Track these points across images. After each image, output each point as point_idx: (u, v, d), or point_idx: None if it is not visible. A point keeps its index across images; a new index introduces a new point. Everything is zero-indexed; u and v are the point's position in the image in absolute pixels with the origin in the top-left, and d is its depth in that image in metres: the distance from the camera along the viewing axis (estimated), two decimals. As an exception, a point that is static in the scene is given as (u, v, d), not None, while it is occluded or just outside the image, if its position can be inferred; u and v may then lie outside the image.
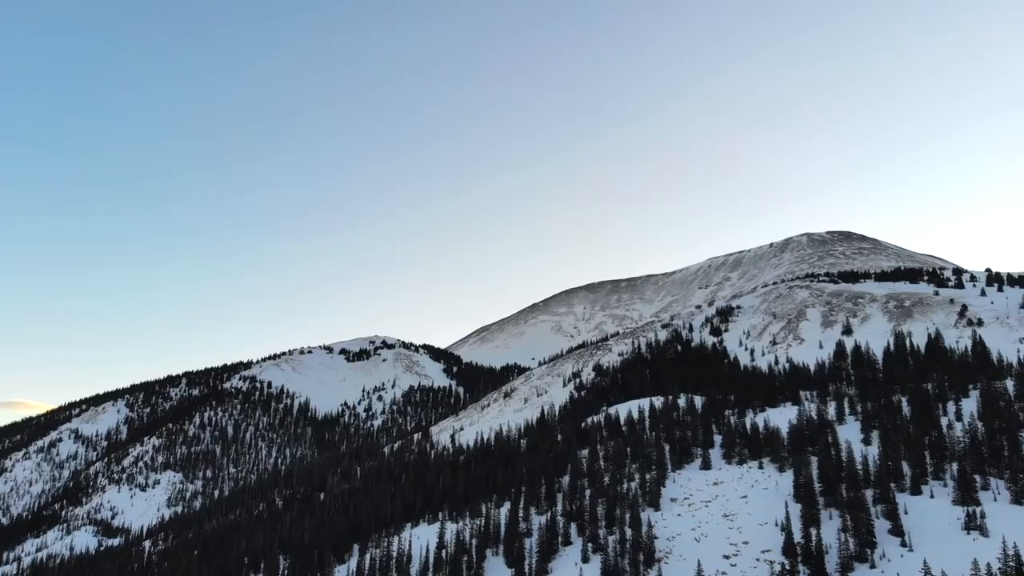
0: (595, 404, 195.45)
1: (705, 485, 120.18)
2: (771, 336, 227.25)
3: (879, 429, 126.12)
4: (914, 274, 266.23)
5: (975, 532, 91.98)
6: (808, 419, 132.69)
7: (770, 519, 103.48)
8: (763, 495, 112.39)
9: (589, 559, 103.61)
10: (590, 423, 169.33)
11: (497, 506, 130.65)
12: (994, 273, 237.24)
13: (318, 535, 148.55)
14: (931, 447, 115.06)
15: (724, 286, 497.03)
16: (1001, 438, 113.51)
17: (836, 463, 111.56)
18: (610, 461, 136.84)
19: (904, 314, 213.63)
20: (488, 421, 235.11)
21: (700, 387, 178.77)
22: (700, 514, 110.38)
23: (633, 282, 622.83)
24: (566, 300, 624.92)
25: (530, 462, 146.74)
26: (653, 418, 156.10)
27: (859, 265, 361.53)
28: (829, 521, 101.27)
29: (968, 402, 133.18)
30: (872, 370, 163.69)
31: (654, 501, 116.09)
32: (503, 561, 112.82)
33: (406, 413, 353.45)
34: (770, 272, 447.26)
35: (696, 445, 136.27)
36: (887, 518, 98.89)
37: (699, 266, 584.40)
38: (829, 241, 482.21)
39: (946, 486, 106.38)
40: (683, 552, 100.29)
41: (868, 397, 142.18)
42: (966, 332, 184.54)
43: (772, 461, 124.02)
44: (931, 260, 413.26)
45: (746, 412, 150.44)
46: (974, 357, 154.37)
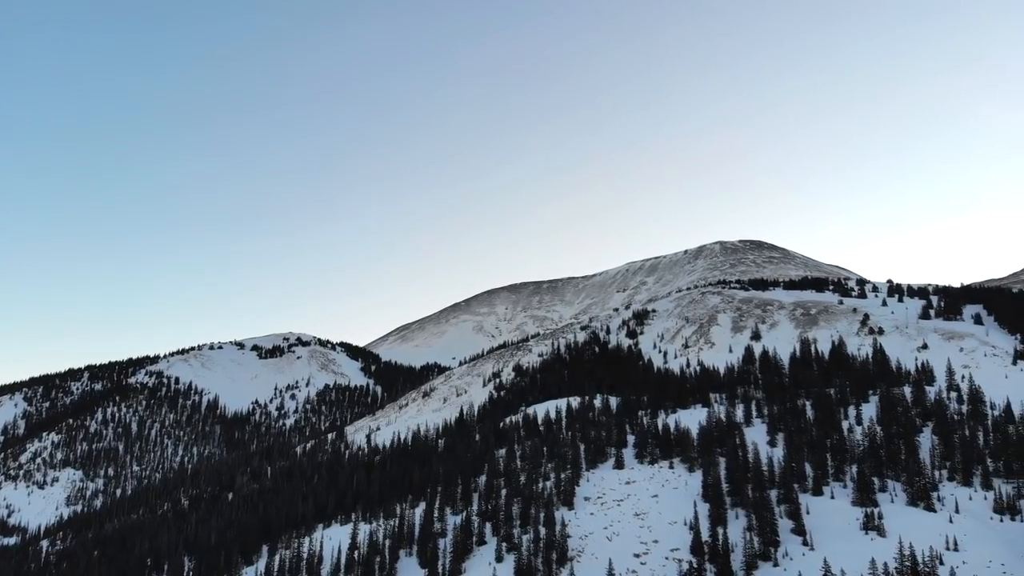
0: (514, 404, 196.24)
1: (618, 484, 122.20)
2: (684, 339, 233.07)
3: (784, 431, 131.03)
4: (820, 283, 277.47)
5: (873, 532, 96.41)
6: (717, 421, 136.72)
7: (679, 518, 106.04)
8: (673, 494, 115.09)
9: (503, 558, 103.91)
10: (509, 423, 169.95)
11: (412, 506, 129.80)
12: (895, 284, 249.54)
13: (225, 536, 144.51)
14: (833, 450, 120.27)
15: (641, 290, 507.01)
16: (898, 442, 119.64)
17: (743, 464, 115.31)
18: (527, 461, 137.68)
19: (810, 321, 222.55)
20: (406, 421, 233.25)
21: (616, 388, 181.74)
22: (612, 513, 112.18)
23: (554, 284, 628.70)
24: (488, 300, 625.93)
25: (447, 462, 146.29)
26: (570, 418, 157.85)
27: (769, 273, 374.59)
28: (736, 520, 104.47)
29: (868, 407, 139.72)
30: (779, 374, 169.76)
31: (568, 500, 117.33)
32: (416, 561, 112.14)
33: (320, 412, 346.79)
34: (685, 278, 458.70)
35: (610, 445, 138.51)
36: (790, 518, 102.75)
37: (618, 270, 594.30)
38: (741, 250, 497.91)
39: (846, 487, 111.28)
40: (595, 551, 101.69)
41: (774, 400, 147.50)
42: (868, 340, 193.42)
43: (682, 461, 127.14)
44: (837, 270, 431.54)
45: (658, 413, 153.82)
46: (874, 364, 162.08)
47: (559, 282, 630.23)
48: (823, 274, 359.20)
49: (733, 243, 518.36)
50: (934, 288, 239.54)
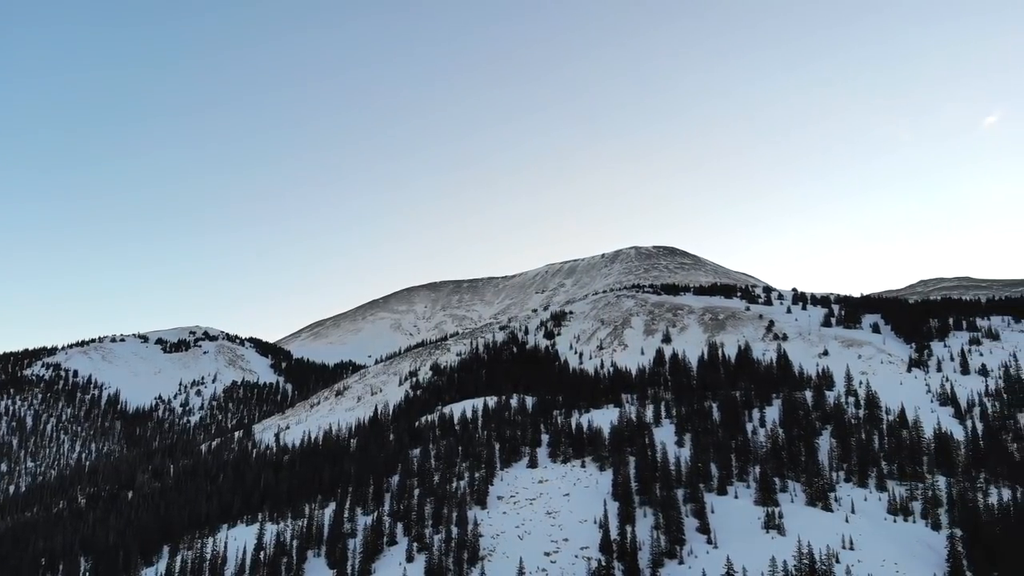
0: (431, 403, 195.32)
1: (531, 483, 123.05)
2: (599, 341, 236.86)
3: (692, 432, 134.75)
4: (729, 290, 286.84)
5: (774, 531, 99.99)
6: (628, 421, 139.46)
7: (590, 516, 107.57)
8: (584, 493, 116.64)
9: (414, 558, 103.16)
10: (424, 422, 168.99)
11: (322, 506, 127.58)
12: (799, 293, 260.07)
13: (124, 536, 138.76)
14: (737, 450, 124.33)
15: (559, 292, 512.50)
16: (799, 444, 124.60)
17: (652, 463, 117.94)
18: (441, 460, 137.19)
19: (718, 326, 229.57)
20: (317, 420, 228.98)
21: (533, 388, 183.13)
22: (525, 512, 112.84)
23: (475, 283, 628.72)
24: (407, 298, 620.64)
25: (359, 462, 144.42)
26: (486, 417, 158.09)
27: (680, 279, 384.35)
28: (644, 519, 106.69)
29: (771, 410, 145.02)
30: (688, 376, 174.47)
31: (481, 500, 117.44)
32: (325, 562, 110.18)
33: (227, 410, 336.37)
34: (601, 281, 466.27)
35: (525, 444, 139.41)
36: (696, 516, 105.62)
37: (537, 272, 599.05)
38: (655, 255, 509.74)
39: (749, 487, 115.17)
40: (506, 550, 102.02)
41: (683, 402, 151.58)
42: (772, 345, 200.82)
43: (594, 460, 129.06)
44: (745, 278, 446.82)
45: (572, 413, 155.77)
46: (778, 369, 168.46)
47: (479, 282, 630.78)
48: (732, 281, 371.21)
49: (648, 248, 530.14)
50: (836, 297, 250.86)
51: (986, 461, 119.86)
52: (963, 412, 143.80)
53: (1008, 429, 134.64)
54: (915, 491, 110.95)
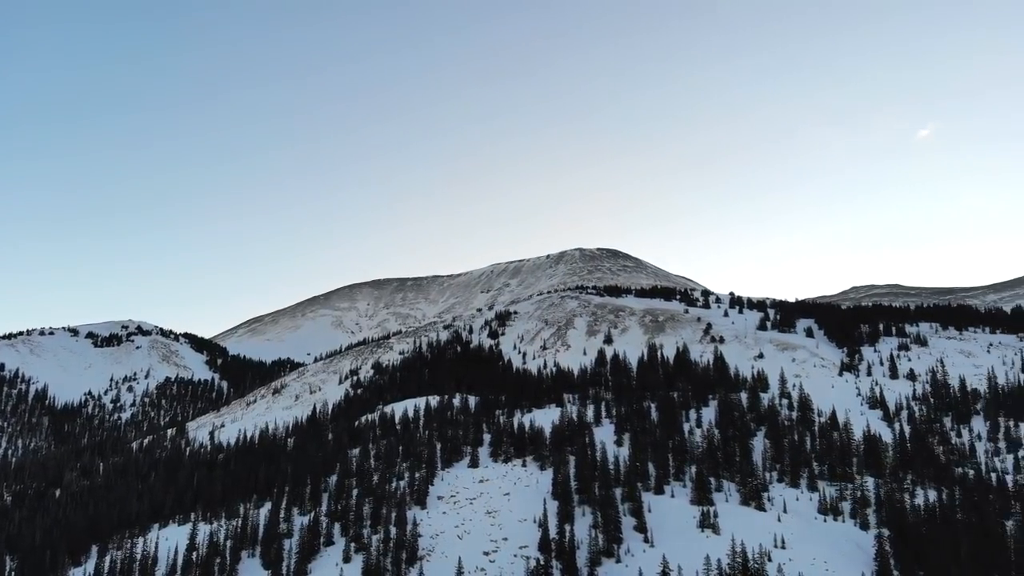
0: (371, 402, 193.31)
1: (472, 483, 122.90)
2: (542, 341, 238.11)
3: (630, 432, 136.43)
4: (669, 293, 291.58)
5: (708, 530, 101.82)
6: (569, 420, 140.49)
7: (530, 516, 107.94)
8: (525, 492, 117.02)
9: (351, 559, 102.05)
10: (364, 422, 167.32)
11: (257, 506, 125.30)
12: (736, 297, 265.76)
13: (51, 535, 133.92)
14: (674, 450, 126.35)
15: (504, 292, 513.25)
16: (734, 444, 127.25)
17: (591, 463, 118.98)
18: (381, 460, 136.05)
19: (658, 328, 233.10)
20: (254, 418, 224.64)
21: (476, 387, 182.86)
22: (465, 511, 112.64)
23: (419, 282, 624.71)
24: (349, 295, 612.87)
25: (297, 461, 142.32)
26: (428, 417, 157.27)
27: (623, 281, 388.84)
28: (583, 518, 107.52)
29: (708, 411, 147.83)
30: (628, 377, 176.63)
31: (421, 499, 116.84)
32: (260, 563, 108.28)
33: (160, 407, 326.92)
34: (546, 281, 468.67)
35: (466, 444, 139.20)
36: (633, 515, 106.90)
37: (483, 271, 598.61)
38: (599, 257, 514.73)
39: (685, 487, 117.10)
40: (445, 549, 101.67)
41: (623, 402, 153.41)
42: (709, 348, 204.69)
43: (535, 460, 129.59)
44: (684, 281, 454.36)
45: (515, 412, 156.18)
46: (715, 371, 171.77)
47: (424, 280, 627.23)
48: (672, 284, 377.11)
49: (592, 250, 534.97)
50: (771, 302, 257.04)
51: (913, 463, 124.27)
52: (891, 415, 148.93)
53: (934, 432, 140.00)
54: (845, 491, 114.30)
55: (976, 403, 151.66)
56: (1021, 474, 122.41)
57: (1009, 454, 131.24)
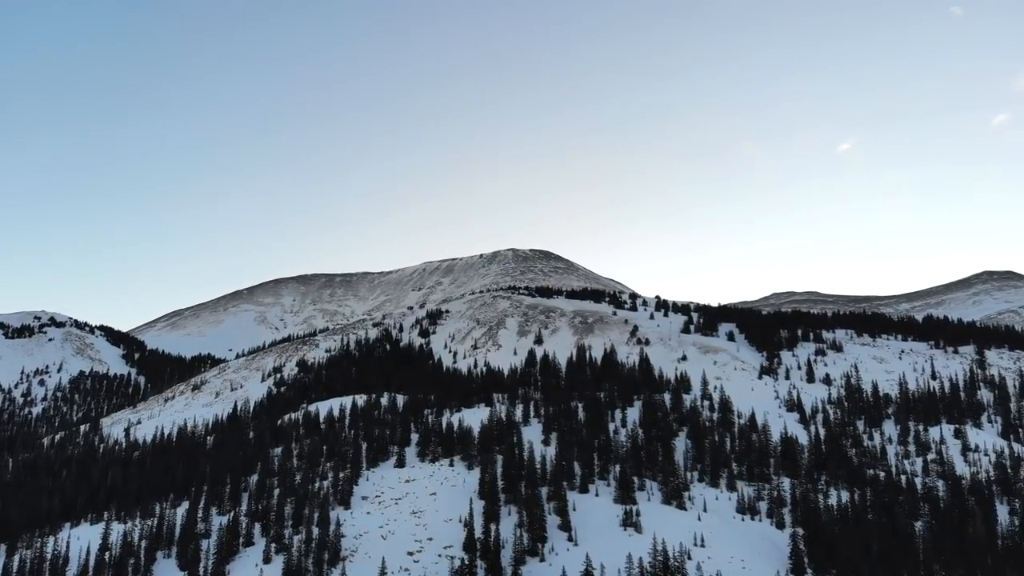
0: (295, 401, 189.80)
1: (398, 483, 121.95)
2: (474, 340, 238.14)
3: (558, 431, 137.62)
4: (598, 295, 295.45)
5: (631, 528, 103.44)
6: (498, 420, 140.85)
7: (456, 515, 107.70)
8: (451, 492, 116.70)
9: (271, 559, 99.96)
10: (288, 420, 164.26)
11: (174, 506, 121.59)
12: (662, 300, 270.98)
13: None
14: (600, 450, 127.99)
15: (436, 290, 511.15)
16: (657, 444, 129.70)
17: (518, 462, 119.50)
18: (304, 460, 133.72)
19: (587, 329, 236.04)
20: (172, 415, 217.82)
21: (405, 386, 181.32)
22: (390, 511, 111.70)
23: (348, 278, 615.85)
24: (274, 290, 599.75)
25: (216, 460, 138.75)
26: (354, 416, 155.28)
27: (554, 282, 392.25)
28: (508, 517, 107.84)
29: (632, 411, 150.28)
30: (557, 377, 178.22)
31: (345, 500, 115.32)
32: (176, 563, 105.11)
33: (73, 402, 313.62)
34: (478, 281, 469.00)
35: (393, 443, 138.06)
36: (558, 514, 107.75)
37: (415, 269, 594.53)
38: (531, 258, 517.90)
39: (609, 485, 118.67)
40: (369, 550, 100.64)
41: (551, 401, 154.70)
42: (636, 349, 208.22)
43: (463, 459, 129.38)
44: (613, 284, 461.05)
45: (444, 412, 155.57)
46: (640, 372, 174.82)
47: (354, 276, 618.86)
48: (601, 287, 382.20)
49: (525, 251, 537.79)
50: (695, 306, 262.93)
51: (827, 464, 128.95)
52: (808, 418, 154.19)
53: (848, 435, 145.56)
54: (762, 491, 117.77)
55: (888, 407, 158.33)
56: (930, 477, 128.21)
57: (918, 457, 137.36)
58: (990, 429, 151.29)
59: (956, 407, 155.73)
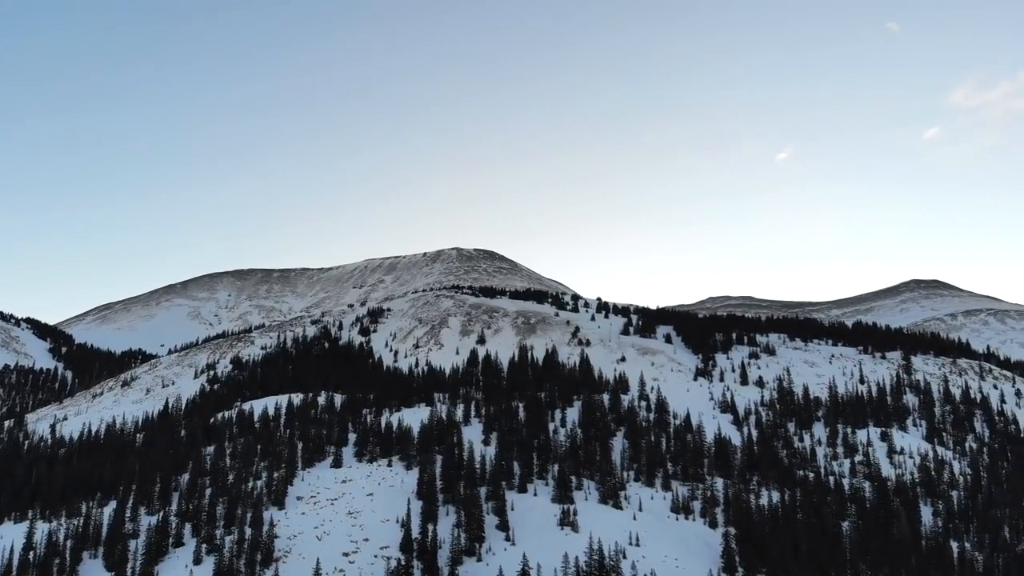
0: (229, 399, 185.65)
1: (334, 483, 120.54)
2: (415, 339, 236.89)
3: (498, 431, 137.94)
4: (541, 296, 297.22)
5: (568, 528, 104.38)
6: (439, 420, 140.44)
7: (393, 516, 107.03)
8: (389, 492, 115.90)
9: (202, 560, 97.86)
10: (221, 419, 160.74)
11: (101, 505, 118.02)
12: (603, 302, 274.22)
13: None
14: (539, 449, 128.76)
15: (378, 288, 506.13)
16: (595, 444, 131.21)
17: (458, 462, 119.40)
18: (238, 459, 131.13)
19: (530, 330, 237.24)
20: (100, 412, 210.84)
21: (344, 385, 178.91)
22: (325, 512, 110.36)
23: (286, 274, 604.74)
24: (209, 285, 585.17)
25: (146, 458, 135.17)
26: (290, 415, 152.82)
27: (498, 283, 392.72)
28: (447, 517, 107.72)
29: (572, 411, 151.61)
30: (499, 377, 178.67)
31: (279, 500, 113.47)
32: (103, 564, 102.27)
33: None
34: (421, 280, 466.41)
35: (330, 443, 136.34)
36: (496, 514, 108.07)
37: (356, 266, 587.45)
38: (475, 258, 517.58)
39: (548, 485, 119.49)
40: (303, 551, 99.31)
41: (492, 401, 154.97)
42: (577, 350, 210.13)
43: (401, 459, 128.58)
44: (556, 285, 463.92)
45: (383, 412, 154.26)
46: (580, 372, 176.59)
47: (292, 272, 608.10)
48: (544, 288, 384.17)
49: (469, 251, 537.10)
50: (635, 308, 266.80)
51: (759, 465, 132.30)
52: (741, 419, 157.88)
53: (779, 437, 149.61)
54: (696, 491, 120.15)
55: (818, 410, 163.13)
56: (857, 478, 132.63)
57: (846, 459, 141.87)
58: (915, 432, 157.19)
59: (883, 411, 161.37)
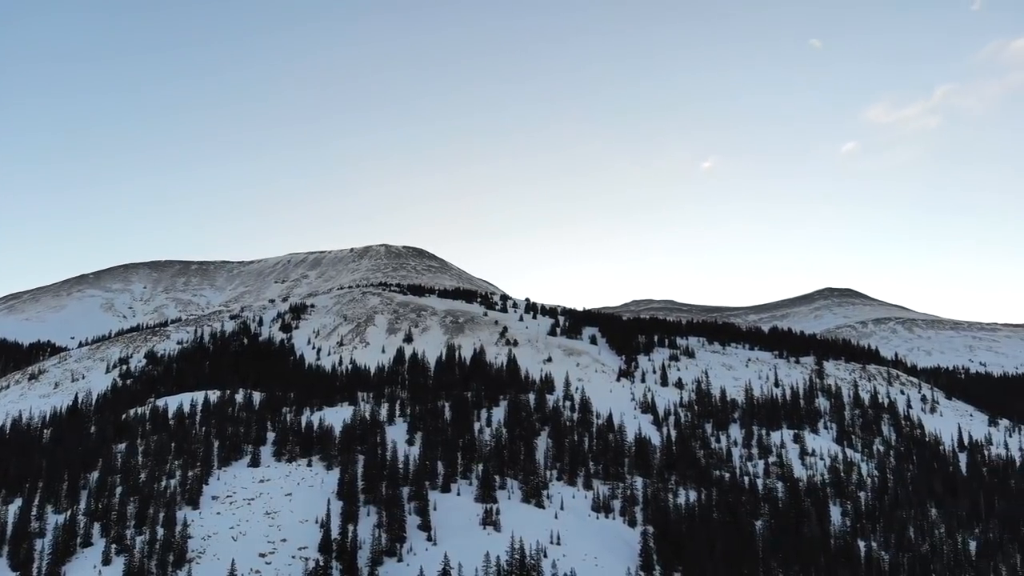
0: (143, 395, 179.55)
1: (251, 483, 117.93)
2: (340, 337, 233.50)
3: (423, 431, 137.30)
4: (470, 295, 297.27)
5: (490, 527, 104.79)
6: (362, 419, 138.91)
7: (312, 516, 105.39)
8: (308, 492, 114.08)
9: (111, 561, 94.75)
10: (134, 415, 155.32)
11: (6, 502, 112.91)
12: (532, 303, 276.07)
13: None
14: (464, 449, 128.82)
15: (302, 283, 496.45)
16: (519, 443, 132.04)
17: (381, 462, 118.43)
18: (151, 457, 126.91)
19: (458, 329, 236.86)
20: (5, 406, 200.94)
21: (264, 383, 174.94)
22: (241, 512, 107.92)
23: (205, 266, 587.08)
24: (123, 276, 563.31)
25: (53, 454, 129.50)
26: (206, 412, 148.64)
27: (427, 281, 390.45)
28: (367, 517, 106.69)
29: (498, 411, 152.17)
30: (425, 376, 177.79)
31: (194, 499, 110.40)
32: (7, 563, 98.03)
33: None
34: (348, 276, 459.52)
35: (248, 442, 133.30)
36: (418, 514, 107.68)
37: (279, 260, 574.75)
38: (404, 255, 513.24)
39: (472, 485, 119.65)
40: (218, 551, 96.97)
41: (418, 401, 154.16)
42: (504, 350, 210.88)
43: (322, 459, 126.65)
44: (486, 285, 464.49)
45: (304, 410, 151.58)
46: (507, 372, 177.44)
47: (211, 265, 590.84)
48: (474, 287, 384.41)
49: (398, 248, 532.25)
50: (562, 309, 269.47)
51: (677, 465, 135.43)
52: (660, 420, 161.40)
53: (697, 437, 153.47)
54: (616, 490, 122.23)
55: (734, 412, 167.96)
56: (770, 478, 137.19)
57: (760, 460, 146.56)
58: (826, 435, 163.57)
59: (796, 413, 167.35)
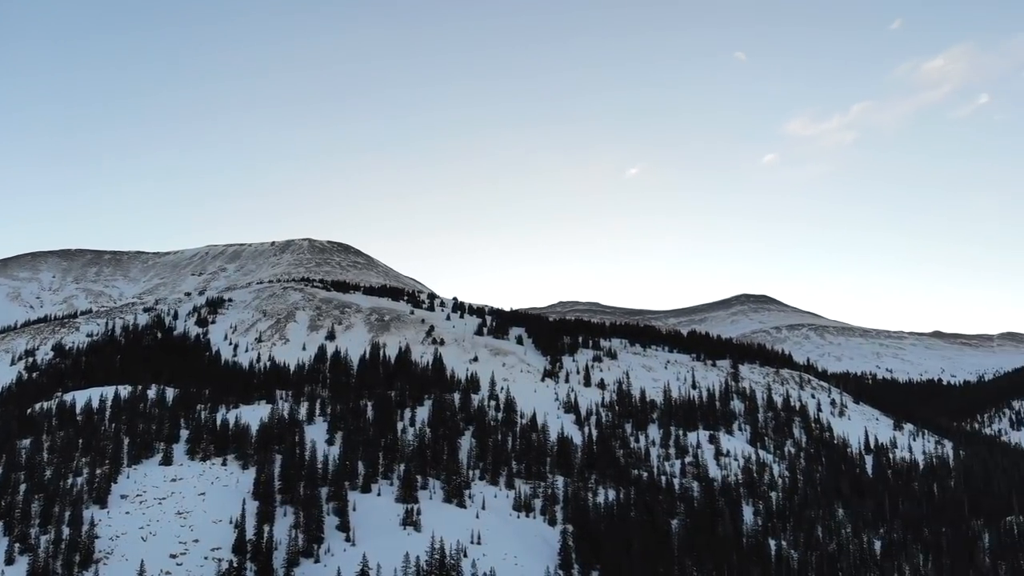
0: (49, 388, 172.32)
1: (163, 482, 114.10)
2: (258, 333, 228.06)
3: (344, 430, 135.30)
4: (397, 293, 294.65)
5: (411, 528, 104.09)
6: (280, 418, 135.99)
7: (226, 516, 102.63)
8: (223, 492, 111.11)
9: (14, 560, 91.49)
10: (39, 410, 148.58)
11: None
12: (459, 302, 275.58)
13: None
14: (386, 449, 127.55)
15: (220, 276, 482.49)
16: (443, 443, 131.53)
17: (299, 462, 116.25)
18: (57, 453, 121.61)
19: (383, 327, 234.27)
20: None
21: (177, 379, 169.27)
22: (152, 512, 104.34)
23: (119, 256, 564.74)
24: (32, 264, 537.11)
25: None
26: (116, 408, 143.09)
27: (352, 277, 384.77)
28: (284, 518, 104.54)
29: (422, 410, 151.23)
30: (347, 375, 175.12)
31: (102, 498, 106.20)
32: None
33: None
34: (269, 270, 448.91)
35: (160, 440, 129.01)
36: (337, 515, 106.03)
37: (196, 252, 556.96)
38: (329, 250, 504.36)
39: (393, 485, 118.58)
40: (127, 552, 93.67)
41: (340, 400, 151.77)
42: (430, 349, 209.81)
43: (237, 459, 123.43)
44: (413, 283, 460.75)
45: (219, 408, 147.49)
46: (433, 371, 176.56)
47: (125, 255, 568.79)
48: (401, 285, 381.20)
49: (322, 243, 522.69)
50: (490, 309, 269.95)
51: (597, 464, 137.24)
52: (583, 419, 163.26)
53: (617, 436, 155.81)
54: (538, 489, 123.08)
55: (653, 412, 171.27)
56: (686, 478, 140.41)
57: (677, 459, 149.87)
58: (740, 436, 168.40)
59: (712, 415, 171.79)
